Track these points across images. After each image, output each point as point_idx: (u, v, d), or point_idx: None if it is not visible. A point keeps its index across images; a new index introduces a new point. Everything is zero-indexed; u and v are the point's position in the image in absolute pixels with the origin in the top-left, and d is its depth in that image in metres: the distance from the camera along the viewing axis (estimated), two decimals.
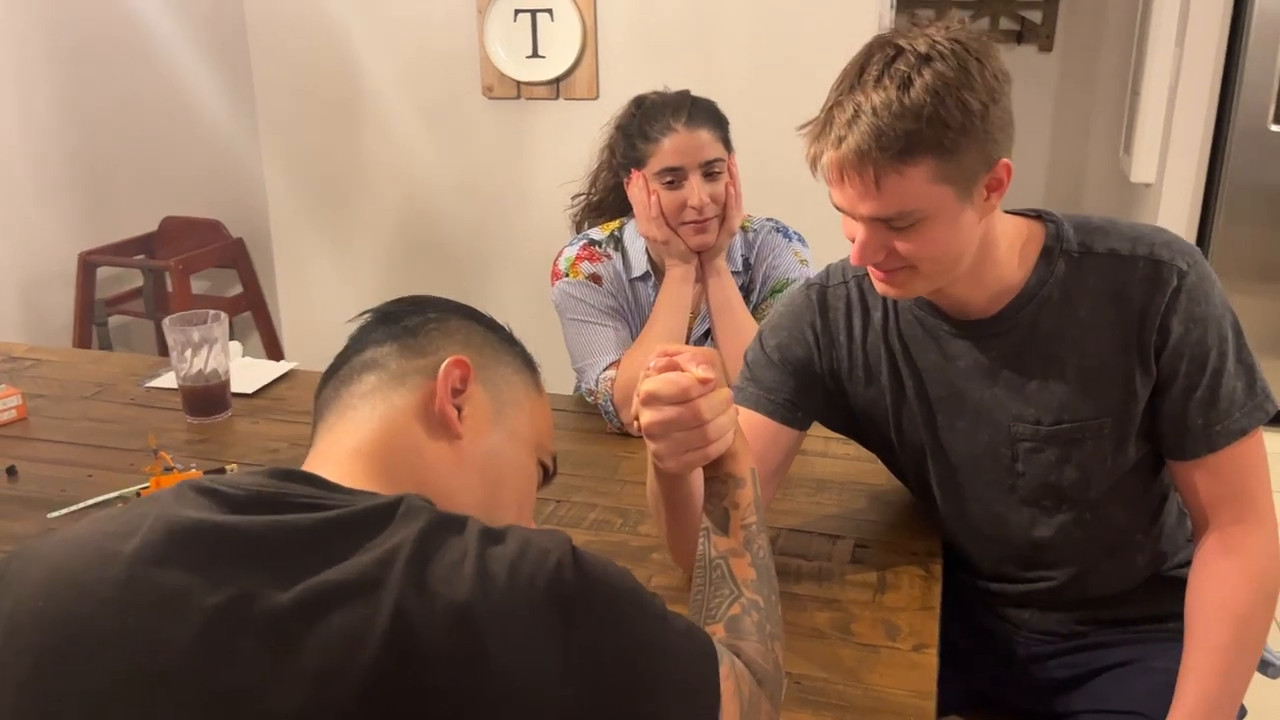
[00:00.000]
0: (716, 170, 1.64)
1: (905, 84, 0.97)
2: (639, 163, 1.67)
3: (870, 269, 1.11)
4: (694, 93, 1.72)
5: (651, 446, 0.96)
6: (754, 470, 0.97)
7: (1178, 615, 1.17)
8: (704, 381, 0.92)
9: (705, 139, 1.63)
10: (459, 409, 0.82)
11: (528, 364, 0.92)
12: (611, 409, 1.64)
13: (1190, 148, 3.41)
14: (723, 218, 1.67)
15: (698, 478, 1.03)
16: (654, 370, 0.95)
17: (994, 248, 1.11)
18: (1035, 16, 4.57)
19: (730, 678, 0.75)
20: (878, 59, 1.00)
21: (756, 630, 0.86)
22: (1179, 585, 1.19)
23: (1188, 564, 1.22)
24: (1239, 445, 1.11)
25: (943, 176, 0.99)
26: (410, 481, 0.76)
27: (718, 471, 0.96)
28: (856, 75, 1.01)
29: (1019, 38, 4.56)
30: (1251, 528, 1.13)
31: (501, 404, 0.86)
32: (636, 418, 0.96)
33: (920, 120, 0.96)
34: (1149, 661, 1.22)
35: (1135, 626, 1.26)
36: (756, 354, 1.26)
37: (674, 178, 1.64)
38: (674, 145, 1.63)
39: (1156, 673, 1.18)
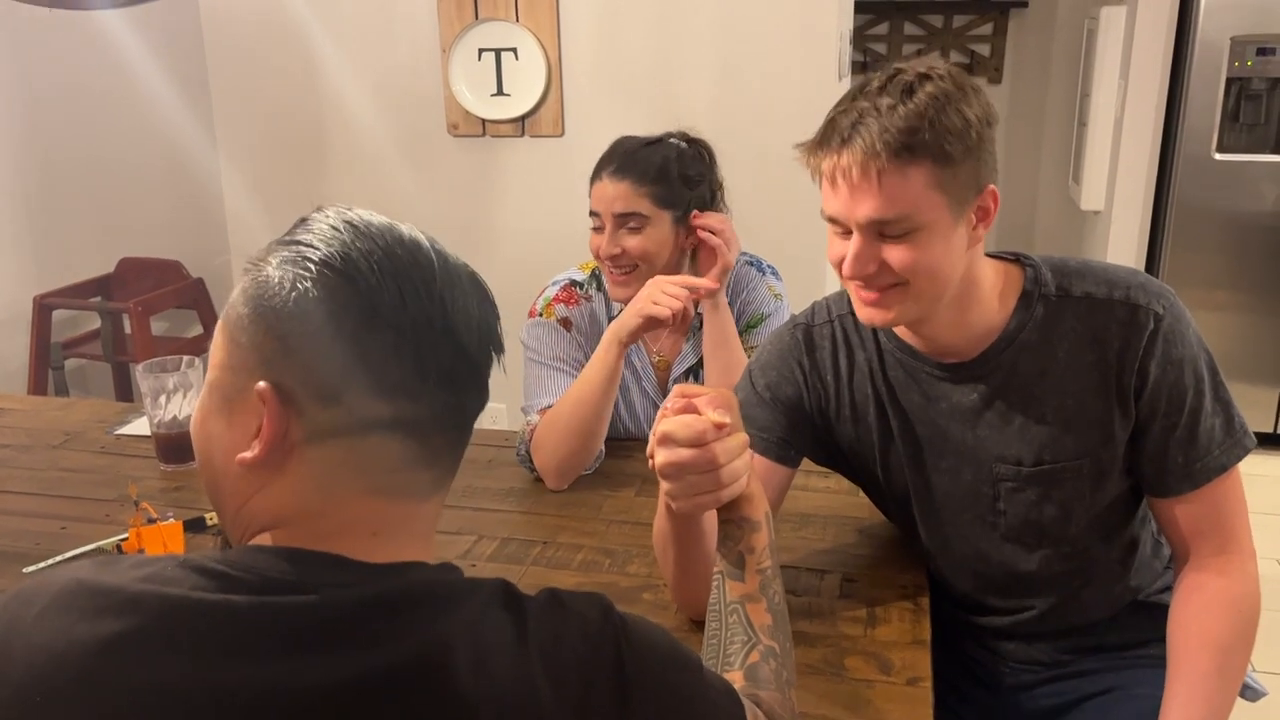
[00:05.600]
0: (632, 225, 1.64)
1: (909, 91, 1.01)
2: None
3: (858, 292, 1.11)
4: (657, 128, 1.73)
5: (665, 487, 0.97)
6: (769, 514, 0.98)
7: (1158, 640, 1.20)
8: (719, 426, 0.93)
9: (621, 191, 1.63)
10: None
11: None
12: (524, 452, 1.62)
13: (1137, 176, 3.50)
14: (711, 257, 1.64)
15: (710, 518, 1.04)
16: (671, 411, 0.96)
17: (977, 288, 1.13)
18: (984, 49, 4.69)
19: None
20: (879, 77, 1.04)
21: (774, 678, 0.86)
22: (1157, 611, 1.22)
23: (1165, 590, 1.25)
24: (1219, 482, 1.14)
25: (939, 184, 1.02)
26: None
27: (732, 515, 0.96)
28: (859, 89, 1.05)
29: (969, 70, 4.67)
30: (1231, 558, 1.16)
31: None
32: (652, 455, 0.96)
33: (924, 121, 1.00)
34: (1131, 689, 1.24)
35: (1117, 653, 1.28)
36: (748, 394, 1.27)
37: (597, 222, 1.67)
38: (596, 192, 1.67)
39: (1139, 700, 1.20)
